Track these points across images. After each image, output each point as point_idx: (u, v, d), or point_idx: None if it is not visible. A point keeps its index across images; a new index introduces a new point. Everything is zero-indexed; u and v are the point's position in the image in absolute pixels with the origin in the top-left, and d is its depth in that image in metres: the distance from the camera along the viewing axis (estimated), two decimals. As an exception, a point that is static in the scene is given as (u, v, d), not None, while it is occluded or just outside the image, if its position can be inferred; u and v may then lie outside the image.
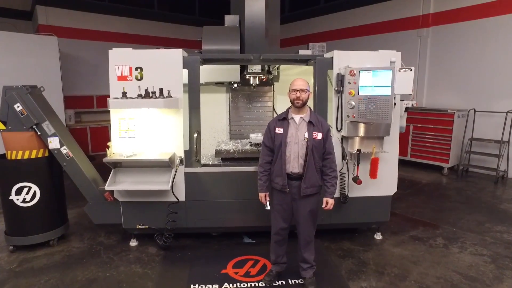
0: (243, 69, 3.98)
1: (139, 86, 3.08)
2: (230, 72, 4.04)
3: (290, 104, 2.63)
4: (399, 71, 2.88)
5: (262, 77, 4.00)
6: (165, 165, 3.24)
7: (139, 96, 3.07)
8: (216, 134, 4.67)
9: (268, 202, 2.72)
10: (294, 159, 2.56)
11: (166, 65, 3.27)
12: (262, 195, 2.71)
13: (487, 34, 6.33)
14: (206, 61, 3.64)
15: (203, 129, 4.46)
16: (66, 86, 7.43)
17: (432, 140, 6.70)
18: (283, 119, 2.61)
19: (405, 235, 3.82)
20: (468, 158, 6.74)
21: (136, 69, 3.25)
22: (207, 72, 4.01)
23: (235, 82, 4.17)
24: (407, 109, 3.49)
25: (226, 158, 3.61)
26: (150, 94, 3.10)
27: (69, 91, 7.69)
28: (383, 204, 3.60)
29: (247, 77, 3.98)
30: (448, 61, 6.97)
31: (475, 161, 6.70)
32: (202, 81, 4.04)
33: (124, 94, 3.06)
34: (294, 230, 2.82)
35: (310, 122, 2.56)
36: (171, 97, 3.19)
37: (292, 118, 2.60)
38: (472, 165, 6.67)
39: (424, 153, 6.80)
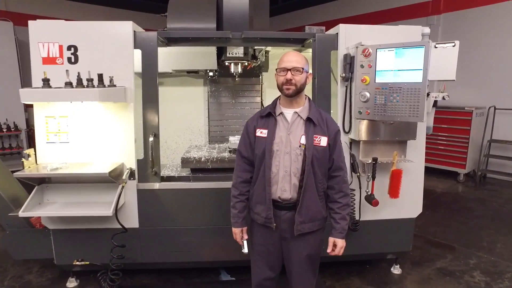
0: (221, 54, 3.09)
1: (66, 71, 2.17)
2: (205, 58, 3.16)
3: (279, 94, 1.75)
4: (435, 47, 2.02)
5: (246, 63, 3.12)
6: (106, 181, 2.34)
7: (68, 84, 2.17)
8: (193, 137, 3.81)
9: (245, 242, 1.82)
10: (284, 178, 1.67)
11: (110, 43, 2.38)
12: (236, 232, 1.81)
13: (510, 19, 5.50)
14: (171, 42, 2.75)
15: (176, 130, 3.62)
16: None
17: (446, 143, 5.86)
18: (268, 115, 1.73)
19: (430, 268, 2.95)
20: (486, 163, 5.91)
21: (69, 48, 2.36)
22: (176, 58, 3.15)
23: (211, 71, 3.29)
24: (435, 103, 2.62)
25: (196, 169, 2.72)
26: (86, 83, 2.20)
27: (33, 87, 6.70)
28: (404, 229, 2.73)
29: (226, 64, 3.09)
30: (463, 53, 6.02)
31: (494, 166, 5.87)
32: (169, 69, 3.23)
33: (46, 82, 2.17)
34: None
35: (309, 120, 1.68)
36: (114, 86, 2.30)
37: (281, 113, 1.72)
38: (490, 171, 5.85)
39: (437, 157, 5.95)
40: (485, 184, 5.66)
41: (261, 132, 1.68)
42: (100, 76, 2.23)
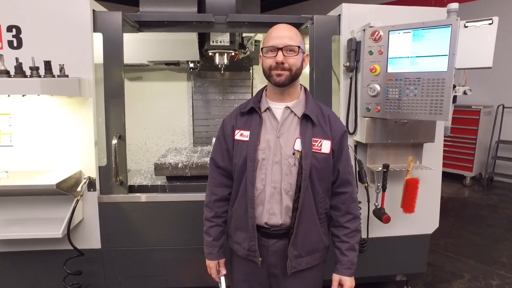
0: (203, 43, 2.66)
1: (0, 55, 1.73)
2: (185, 47, 2.74)
3: (267, 83, 1.32)
4: (465, 26, 1.61)
5: (233, 54, 2.69)
6: (57, 193, 1.90)
7: (3, 73, 1.72)
8: (175, 138, 3.40)
9: (223, 279, 1.40)
10: (272, 197, 1.25)
11: (63, 24, 1.94)
12: (211, 265, 1.39)
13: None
14: (143, 26, 2.33)
15: (156, 130, 3.18)
16: None
17: (451, 144, 5.48)
18: (251, 111, 1.30)
19: (447, 290, 2.55)
20: (493, 165, 5.55)
21: (10, 29, 1.92)
22: (151, 47, 2.74)
23: (193, 62, 2.86)
24: (454, 99, 2.21)
25: (172, 177, 2.30)
26: (30, 72, 1.76)
27: None
28: (418, 247, 2.33)
29: (210, 54, 2.67)
30: (469, 48, 5.75)
31: (502, 168, 5.52)
32: (144, 60, 2.80)
33: (-27, 70, 1.72)
34: None
35: (306, 118, 1.26)
36: (66, 76, 1.86)
37: (268, 109, 1.30)
38: (497, 173, 5.49)
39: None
40: (493, 188, 5.31)
41: (242, 135, 1.25)
42: (48, 64, 1.79)
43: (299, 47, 1.21)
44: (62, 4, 1.93)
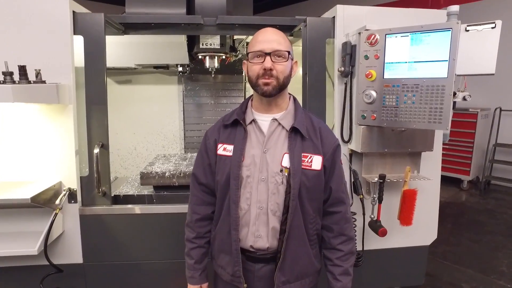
0: (193, 45, 2.56)
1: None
2: (174, 50, 2.64)
3: (253, 92, 1.22)
4: (466, 30, 1.52)
5: (224, 57, 2.59)
6: (33, 206, 1.79)
7: (-27, 79, 1.61)
8: (166, 143, 3.30)
9: (206, 305, 1.29)
10: (258, 218, 1.14)
11: (41, 26, 1.83)
12: (194, 290, 1.28)
13: (518, 13, 5.08)
14: (129, 29, 2.22)
15: (146, 135, 3.09)
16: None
17: (448, 147, 5.41)
18: (234, 123, 1.20)
19: (445, 303, 2.46)
20: (490, 168, 5.49)
21: (-16, 32, 1.80)
22: (139, 50, 2.64)
23: (181, 65, 2.76)
24: (454, 105, 2.12)
25: (160, 186, 2.20)
26: (3, 77, 1.65)
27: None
28: (415, 259, 2.24)
29: (200, 57, 2.57)
30: (466, 50, 5.68)
31: (499, 172, 5.46)
32: (131, 63, 2.69)
33: None
34: None
35: (295, 131, 1.16)
36: (42, 82, 1.75)
37: (254, 121, 1.20)
38: (494, 177, 5.43)
39: (438, 162, 5.50)
40: (490, 192, 5.25)
41: (225, 149, 1.15)
42: (22, 69, 1.67)
43: (288, 52, 1.10)
44: (39, 4, 1.81)
